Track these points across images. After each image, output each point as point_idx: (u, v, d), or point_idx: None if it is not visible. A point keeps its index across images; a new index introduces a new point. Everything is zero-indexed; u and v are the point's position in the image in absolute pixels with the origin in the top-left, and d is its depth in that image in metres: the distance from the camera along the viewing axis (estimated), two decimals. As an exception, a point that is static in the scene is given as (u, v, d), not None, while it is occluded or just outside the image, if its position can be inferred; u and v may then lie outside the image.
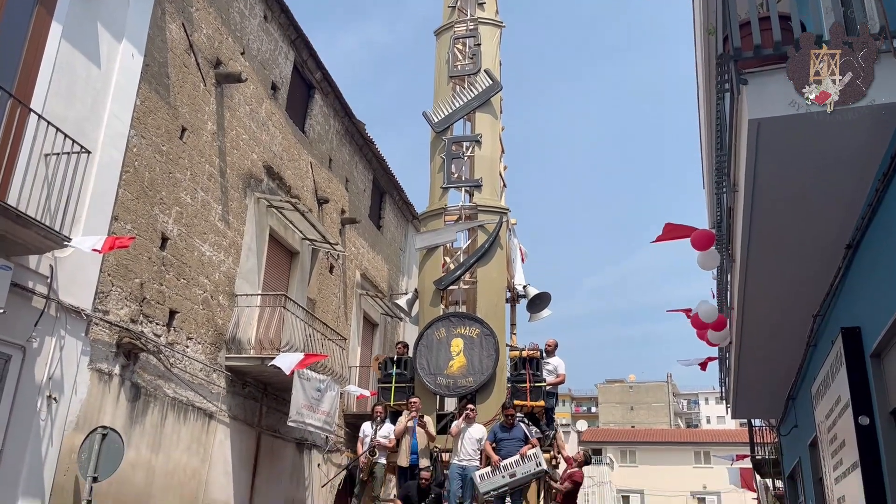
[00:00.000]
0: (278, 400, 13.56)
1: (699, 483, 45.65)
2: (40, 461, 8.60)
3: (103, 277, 9.79)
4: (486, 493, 9.88)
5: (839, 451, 7.16)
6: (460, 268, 12.22)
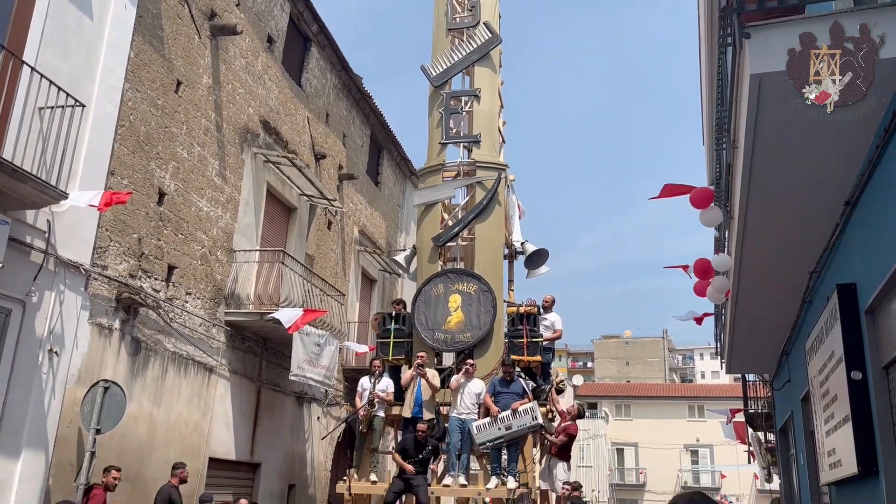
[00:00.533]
0: (278, 354, 13.69)
1: (693, 436, 46.45)
2: (43, 413, 8.71)
3: (101, 233, 9.79)
4: (483, 443, 10.05)
5: (831, 405, 7.27)
6: (458, 224, 12.22)
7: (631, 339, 73.06)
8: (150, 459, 10.48)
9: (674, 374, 75.48)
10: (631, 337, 73.77)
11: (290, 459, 14.55)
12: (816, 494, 10.37)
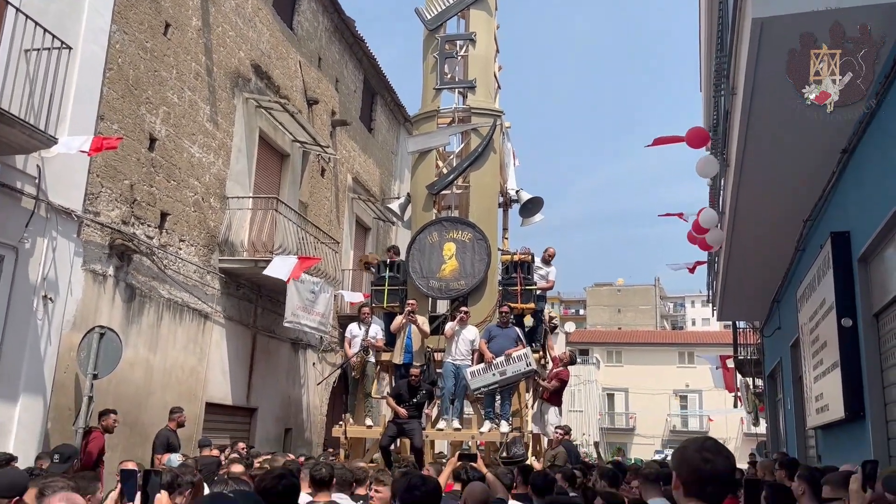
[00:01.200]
0: (272, 301, 13.74)
1: (682, 382, 47.26)
2: (40, 359, 8.77)
3: (92, 178, 9.69)
4: (477, 389, 10.19)
5: (820, 352, 7.38)
6: (453, 172, 12.13)
7: (623, 287, 73.57)
8: (148, 404, 10.60)
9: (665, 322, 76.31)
10: (623, 285, 74.26)
11: (286, 404, 14.74)
12: (802, 438, 10.62)
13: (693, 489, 2.86)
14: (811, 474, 4.79)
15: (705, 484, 2.83)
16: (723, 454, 2.99)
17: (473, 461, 6.38)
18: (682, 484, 2.91)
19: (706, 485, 2.83)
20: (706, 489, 2.83)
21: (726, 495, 2.95)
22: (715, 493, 2.84)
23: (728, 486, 2.90)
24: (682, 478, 2.92)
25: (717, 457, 2.91)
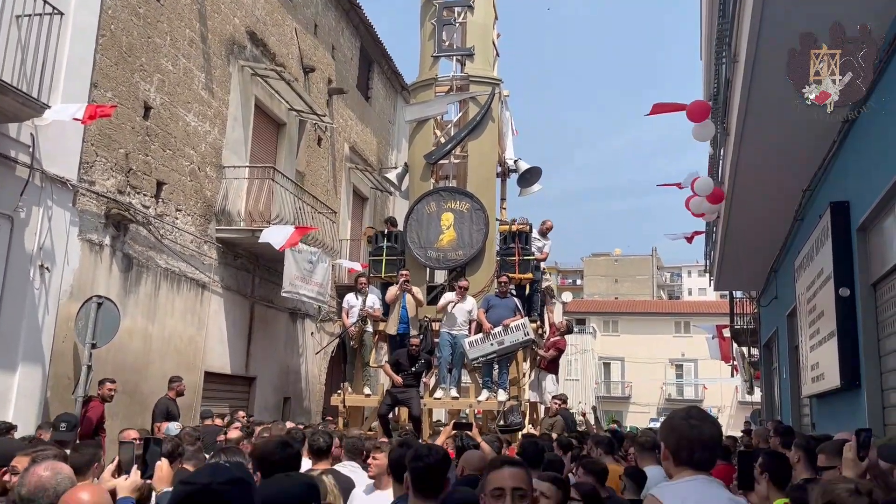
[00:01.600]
0: (270, 271, 13.73)
1: (678, 351, 47.58)
2: (38, 328, 8.77)
3: (87, 147, 9.61)
4: (475, 359, 10.22)
5: (817, 321, 7.40)
6: (451, 141, 12.03)
7: (620, 257, 73.68)
8: (147, 373, 10.64)
9: (661, 292, 76.57)
10: (620, 255, 74.37)
11: (284, 373, 14.82)
12: (797, 406, 10.71)
13: (682, 456, 2.89)
14: (807, 443, 4.83)
15: (694, 450, 2.86)
16: (709, 420, 3.02)
17: (469, 430, 6.44)
18: (672, 453, 2.94)
19: (695, 451, 2.86)
20: (695, 455, 2.86)
21: (715, 461, 2.98)
22: (704, 458, 2.87)
23: (715, 450, 2.94)
24: (671, 447, 2.95)
25: (704, 423, 2.94)
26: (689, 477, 2.84)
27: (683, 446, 2.86)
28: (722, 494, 2.85)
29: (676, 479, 2.90)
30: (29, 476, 3.01)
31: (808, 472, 4.52)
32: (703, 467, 2.87)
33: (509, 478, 2.71)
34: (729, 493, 2.92)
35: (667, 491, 2.86)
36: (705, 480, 2.85)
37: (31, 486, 2.95)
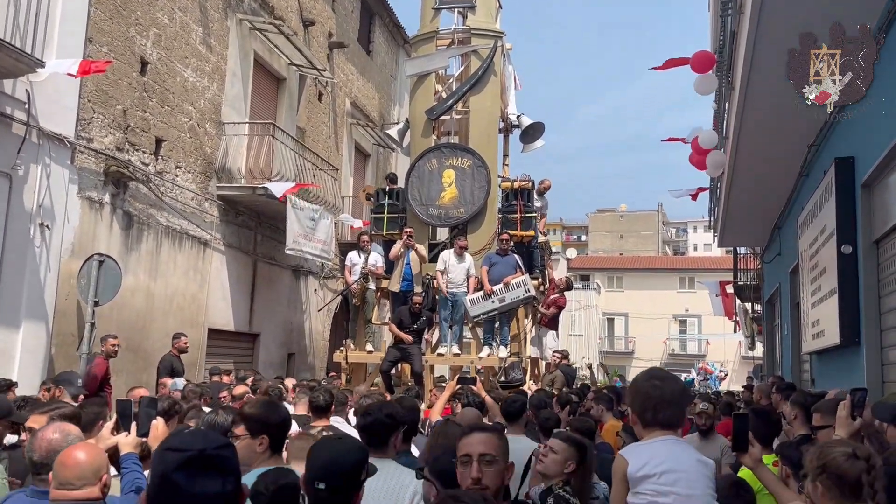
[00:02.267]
0: (272, 228, 13.70)
1: (682, 307, 47.69)
2: (40, 286, 8.80)
3: (83, 104, 9.50)
4: (477, 316, 10.25)
5: (819, 278, 7.37)
6: (452, 96, 11.86)
7: (626, 213, 73.43)
8: (150, 330, 10.71)
9: (667, 247, 76.50)
10: (625, 210, 74.11)
11: (288, 329, 14.91)
12: (798, 362, 10.75)
13: (648, 417, 2.91)
14: (804, 399, 4.84)
15: (658, 410, 2.88)
16: (671, 378, 3.04)
17: (472, 385, 6.47)
18: (638, 416, 2.96)
19: (659, 410, 2.88)
20: (660, 415, 2.88)
21: (682, 417, 3.00)
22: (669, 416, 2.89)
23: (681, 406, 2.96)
24: (638, 410, 2.97)
25: (665, 382, 2.96)
26: (657, 438, 2.87)
27: (648, 407, 2.89)
28: (690, 453, 2.88)
29: (644, 440, 2.92)
30: (39, 441, 3.02)
31: (805, 428, 4.55)
32: (670, 426, 2.89)
33: (477, 443, 2.64)
34: (697, 452, 2.94)
35: (633, 451, 2.89)
36: (672, 441, 2.87)
37: (42, 451, 2.97)
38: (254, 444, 3.03)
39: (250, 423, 3.09)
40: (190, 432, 1.71)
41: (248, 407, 3.20)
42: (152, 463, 1.62)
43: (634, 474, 2.79)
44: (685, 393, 3.02)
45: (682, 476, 2.75)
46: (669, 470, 2.75)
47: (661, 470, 2.75)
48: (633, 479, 2.80)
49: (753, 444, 3.17)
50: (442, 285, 10.15)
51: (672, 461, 2.77)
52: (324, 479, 2.24)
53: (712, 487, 2.82)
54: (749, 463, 3.16)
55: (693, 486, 2.76)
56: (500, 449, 2.66)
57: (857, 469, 2.38)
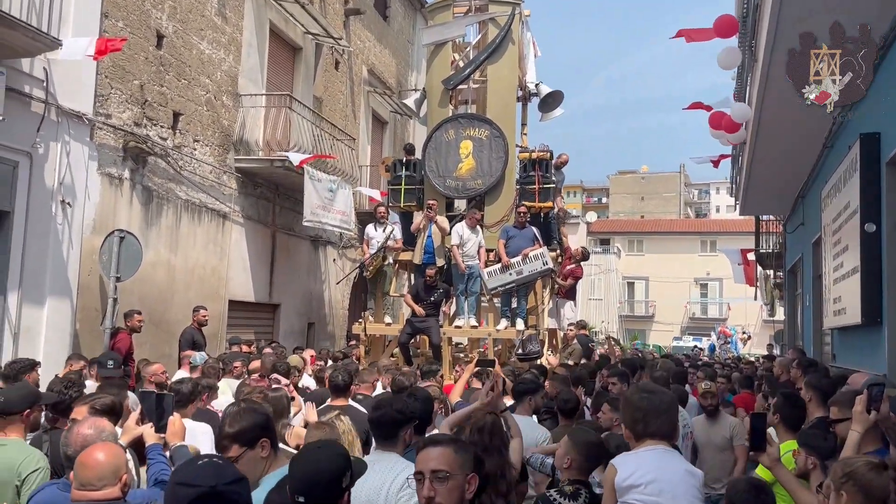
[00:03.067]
0: (291, 200, 13.74)
1: (703, 270, 47.37)
2: (63, 263, 8.93)
3: (101, 80, 9.51)
4: (494, 289, 10.25)
5: (841, 255, 7.26)
6: (470, 65, 11.68)
7: (647, 175, 72.65)
8: (172, 303, 10.85)
9: (689, 209, 75.73)
10: (647, 172, 73.30)
11: (308, 299, 15.04)
12: (819, 335, 10.66)
13: (639, 430, 2.94)
14: (818, 381, 4.80)
15: (648, 420, 2.90)
16: (660, 390, 3.06)
17: (491, 367, 6.50)
18: (629, 429, 2.98)
19: (650, 421, 2.90)
20: (650, 426, 2.90)
21: (674, 428, 3.01)
22: (660, 427, 2.90)
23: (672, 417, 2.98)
24: (628, 422, 2.99)
25: (654, 394, 2.98)
26: (647, 447, 2.89)
27: (638, 418, 2.92)
28: (677, 464, 2.90)
29: (634, 450, 2.95)
30: (73, 436, 3.09)
31: (820, 410, 4.52)
32: (661, 436, 2.91)
33: (429, 459, 2.45)
34: (685, 463, 2.97)
35: (625, 460, 2.92)
36: (662, 451, 2.90)
37: (76, 446, 3.04)
38: (256, 453, 2.91)
39: (245, 438, 2.91)
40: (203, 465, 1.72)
41: (229, 425, 2.94)
42: (165, 495, 1.65)
43: (621, 484, 2.84)
44: (674, 403, 3.05)
45: (666, 487, 2.79)
46: (655, 480, 2.79)
47: (646, 480, 2.80)
48: (619, 489, 2.85)
49: (771, 443, 3.17)
50: (458, 259, 10.13)
51: (658, 471, 2.81)
52: (302, 493, 2.20)
53: (699, 497, 2.85)
54: (767, 463, 3.16)
55: (677, 496, 2.80)
56: (457, 463, 2.45)
57: (883, 480, 2.37)
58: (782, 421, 4.34)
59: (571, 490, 3.31)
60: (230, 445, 2.88)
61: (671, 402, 2.99)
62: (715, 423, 5.94)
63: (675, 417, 3.04)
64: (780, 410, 4.35)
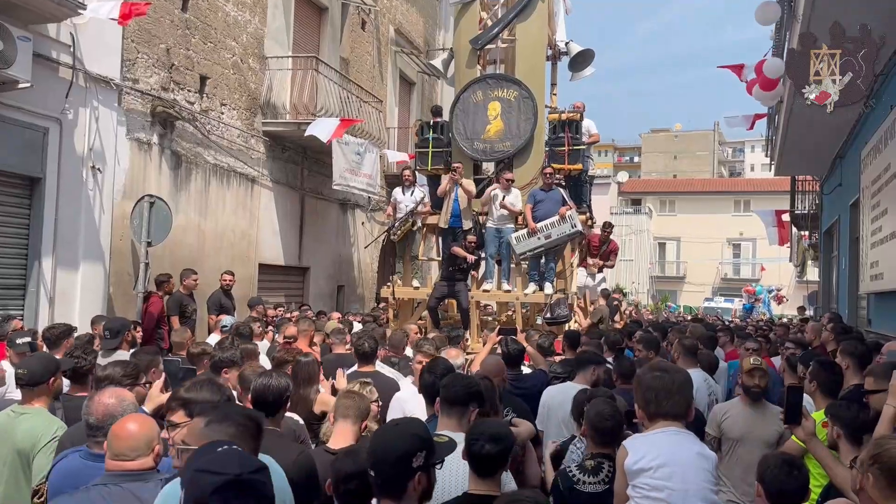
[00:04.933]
0: (319, 163, 13.72)
1: (736, 231, 46.63)
2: (95, 228, 9.05)
3: (127, 44, 9.50)
4: (523, 254, 10.16)
5: (880, 218, 7.05)
6: (498, 24, 11.43)
7: (680, 133, 71.28)
8: (203, 266, 10.93)
9: (723, 168, 74.36)
10: (680, 130, 71.91)
11: (337, 262, 15.13)
12: (854, 298, 10.44)
13: (651, 410, 2.88)
14: (854, 348, 4.69)
15: (661, 400, 2.84)
16: (674, 369, 2.99)
17: (514, 335, 6.47)
18: (643, 409, 2.92)
19: (663, 401, 2.84)
20: (663, 405, 2.84)
21: (688, 406, 2.95)
22: (674, 406, 2.84)
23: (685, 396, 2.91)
24: (641, 403, 2.93)
25: (667, 373, 2.92)
26: (659, 429, 2.84)
27: (650, 399, 2.86)
28: (690, 446, 2.84)
29: (647, 431, 2.89)
30: (95, 405, 3.14)
31: (857, 378, 4.43)
32: (675, 416, 2.85)
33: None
34: (698, 444, 2.91)
35: (635, 443, 2.87)
36: (674, 433, 2.84)
37: (98, 415, 3.09)
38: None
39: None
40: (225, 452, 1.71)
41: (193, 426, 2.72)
42: (186, 483, 1.64)
43: (631, 467, 2.80)
44: (688, 383, 2.98)
45: (677, 470, 2.75)
46: (665, 464, 2.75)
47: (656, 464, 2.76)
48: (630, 472, 2.81)
49: (807, 416, 3.11)
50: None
51: (668, 455, 2.77)
52: (372, 468, 2.34)
53: (711, 481, 2.80)
54: (802, 436, 3.11)
55: (688, 481, 2.74)
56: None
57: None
58: (819, 388, 4.26)
59: (592, 465, 3.28)
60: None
61: (684, 381, 2.93)
62: (761, 412, 4.55)
63: (690, 396, 2.99)
64: (816, 378, 4.28)
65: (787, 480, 2.65)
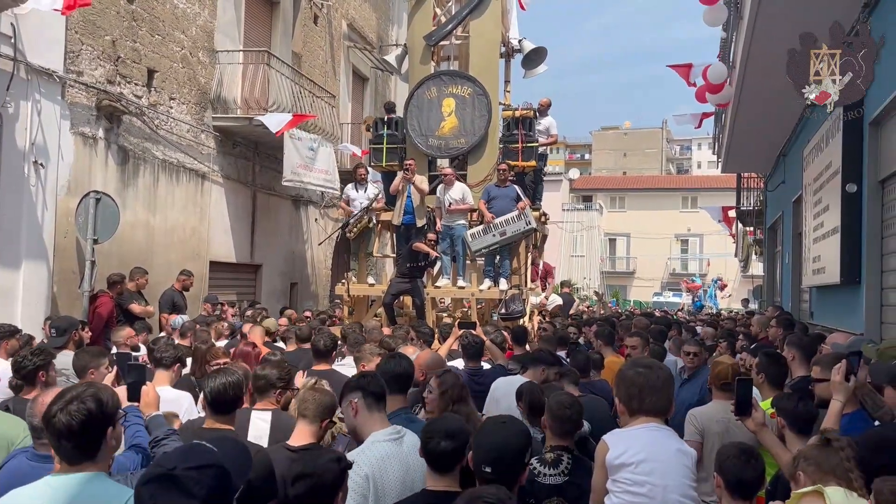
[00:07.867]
0: (271, 159, 13.54)
1: (684, 227, 47.68)
2: (38, 225, 8.76)
3: (71, 35, 9.21)
4: (478, 251, 10.22)
5: (822, 215, 7.29)
6: (452, 21, 11.47)
7: (630, 130, 72.42)
8: (152, 265, 10.68)
9: (671, 165, 75.79)
10: (630, 128, 73.08)
11: (290, 259, 14.96)
12: (797, 292, 10.79)
13: (634, 405, 2.93)
14: (799, 340, 4.87)
15: (643, 396, 2.89)
16: (656, 366, 3.05)
17: (473, 329, 6.50)
18: (624, 404, 2.97)
19: (644, 397, 2.89)
20: (645, 402, 2.89)
21: (669, 403, 3.01)
22: (655, 403, 2.90)
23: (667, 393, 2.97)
24: (623, 398, 2.98)
25: (650, 369, 2.97)
26: (640, 425, 2.89)
27: (633, 395, 2.90)
28: (669, 441, 2.89)
29: (628, 427, 2.94)
30: (38, 406, 3.04)
31: (803, 369, 4.58)
32: (656, 413, 2.91)
33: None
34: (678, 441, 2.97)
35: (615, 439, 2.92)
36: (654, 427, 2.89)
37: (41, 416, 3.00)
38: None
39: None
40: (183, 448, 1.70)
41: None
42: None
43: (612, 462, 2.84)
44: (670, 380, 3.03)
45: (657, 466, 2.79)
46: (646, 459, 2.79)
47: (637, 459, 2.79)
48: (611, 467, 2.85)
49: (756, 408, 3.20)
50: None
51: (649, 450, 2.81)
52: (490, 464, 2.45)
53: (690, 477, 2.85)
54: (752, 427, 3.20)
55: (668, 476, 2.79)
56: None
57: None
58: (767, 380, 4.39)
59: (552, 458, 3.32)
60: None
61: (667, 378, 2.98)
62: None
63: (671, 393, 3.04)
64: (764, 370, 4.39)
65: (744, 469, 2.71)
